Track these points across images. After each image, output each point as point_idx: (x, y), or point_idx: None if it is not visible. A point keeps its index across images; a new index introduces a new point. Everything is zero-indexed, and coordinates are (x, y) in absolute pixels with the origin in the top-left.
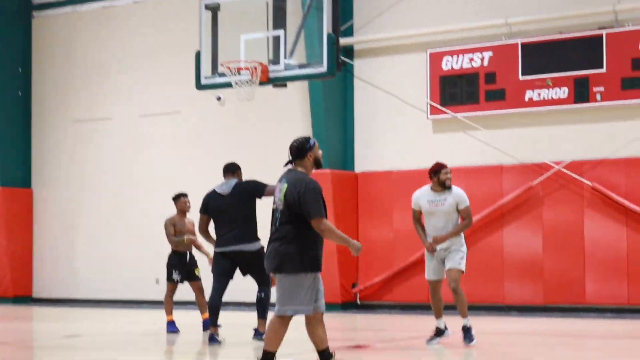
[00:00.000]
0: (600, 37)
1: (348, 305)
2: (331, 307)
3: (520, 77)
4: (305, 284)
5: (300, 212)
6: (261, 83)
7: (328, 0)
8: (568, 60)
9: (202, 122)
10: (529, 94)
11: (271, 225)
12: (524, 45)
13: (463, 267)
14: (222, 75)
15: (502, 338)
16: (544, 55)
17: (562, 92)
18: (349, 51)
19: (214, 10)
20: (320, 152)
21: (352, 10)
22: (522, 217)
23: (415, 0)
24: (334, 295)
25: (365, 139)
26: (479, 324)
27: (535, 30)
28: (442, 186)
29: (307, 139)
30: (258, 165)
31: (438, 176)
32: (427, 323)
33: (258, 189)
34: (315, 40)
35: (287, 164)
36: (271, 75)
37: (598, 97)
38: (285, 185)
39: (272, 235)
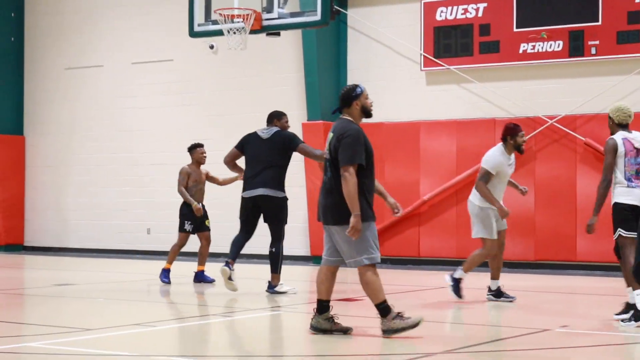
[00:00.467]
0: None
1: None
2: (319, 260)
3: (515, 29)
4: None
5: None
6: (254, 31)
7: None
8: (563, 13)
9: (194, 70)
10: (523, 47)
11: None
12: None
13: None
14: (215, 22)
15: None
16: (539, 7)
17: (557, 45)
18: (343, 0)
19: None
20: (368, 100)
21: None
22: (520, 170)
23: None
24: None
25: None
26: (471, 280)
27: None
28: (517, 150)
29: (354, 87)
30: (250, 114)
31: (515, 139)
32: (417, 277)
33: (292, 142)
34: None
35: (334, 112)
36: (264, 23)
37: (593, 50)
38: (331, 135)
39: (322, 186)
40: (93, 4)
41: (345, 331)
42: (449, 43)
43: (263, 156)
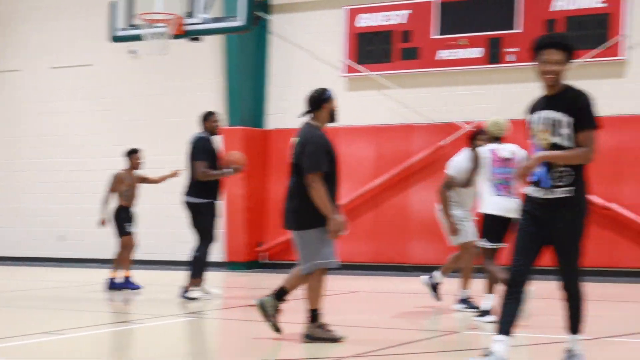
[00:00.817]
0: None
1: (253, 264)
2: (236, 265)
3: (435, 36)
4: (314, 239)
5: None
6: (177, 36)
7: None
8: (483, 20)
9: (115, 76)
10: (442, 54)
11: None
12: (442, 3)
13: None
14: (137, 27)
15: (409, 297)
16: (459, 15)
17: (475, 52)
18: (265, 6)
19: None
20: (335, 104)
21: None
22: (430, 177)
23: None
24: (239, 254)
25: (279, 96)
26: (387, 283)
27: None
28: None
29: (324, 90)
30: (170, 120)
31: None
32: (330, 282)
33: (191, 152)
34: None
35: (302, 115)
36: (187, 28)
37: (510, 57)
38: (295, 140)
39: (287, 190)
40: (12, 8)
41: (337, 339)
42: (370, 49)
43: (187, 162)
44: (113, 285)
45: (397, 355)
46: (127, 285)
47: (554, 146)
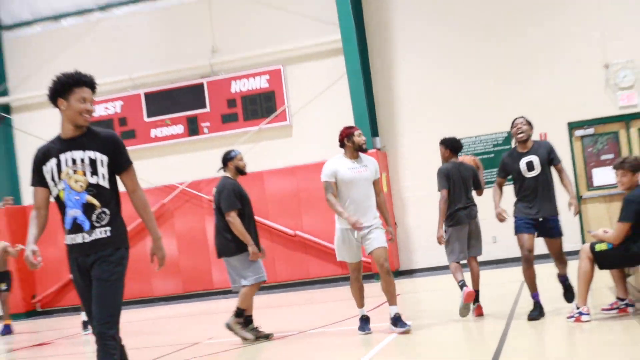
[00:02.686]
0: (202, 84)
1: (31, 313)
2: (17, 316)
3: (146, 119)
4: (239, 262)
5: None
6: None
7: None
8: (181, 103)
9: None
10: (154, 132)
11: None
12: (146, 95)
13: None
14: None
15: (150, 323)
16: (162, 101)
17: (179, 129)
18: (7, 107)
19: None
20: (241, 162)
21: (4, 72)
22: (160, 227)
23: (59, 62)
24: (18, 307)
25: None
26: (134, 314)
27: (153, 82)
28: (360, 149)
29: (230, 151)
30: None
31: (352, 139)
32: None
33: None
34: None
35: (219, 170)
36: None
37: (206, 130)
38: (214, 190)
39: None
40: None
41: (267, 336)
42: None
43: None
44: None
45: None
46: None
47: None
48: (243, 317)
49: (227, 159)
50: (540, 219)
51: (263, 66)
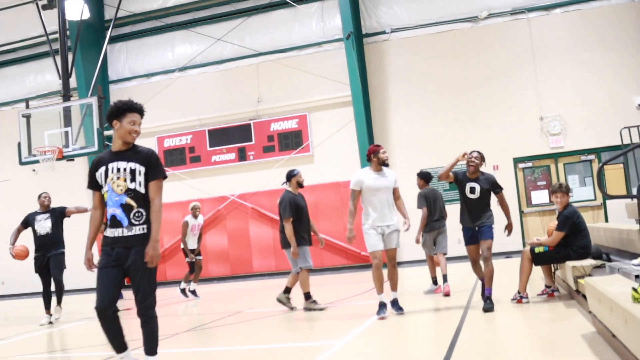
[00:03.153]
0: (250, 124)
1: None
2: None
3: (209, 148)
4: (298, 252)
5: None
6: (59, 159)
7: (96, 107)
8: (234, 138)
9: (26, 187)
10: (214, 157)
11: None
12: (209, 131)
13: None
14: (35, 155)
15: (207, 296)
16: (220, 135)
17: (232, 156)
18: (110, 138)
19: (28, 117)
20: (301, 178)
21: None
22: (216, 227)
23: (149, 106)
24: None
25: None
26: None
27: (215, 122)
28: (384, 164)
29: (292, 170)
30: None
31: (378, 156)
32: None
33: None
34: (90, 132)
35: (283, 184)
36: (65, 154)
37: (251, 157)
38: (279, 200)
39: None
40: None
41: (323, 309)
42: (174, 158)
43: None
44: None
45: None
46: None
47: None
48: (289, 293)
49: (291, 175)
50: (476, 228)
51: (294, 112)
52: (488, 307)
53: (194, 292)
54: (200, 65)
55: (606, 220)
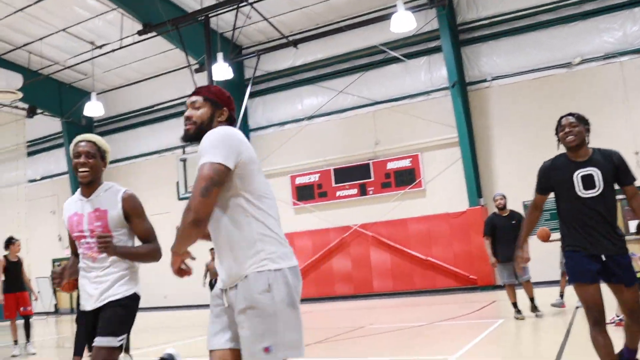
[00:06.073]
0: (368, 164)
1: None
2: None
3: (334, 185)
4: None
5: None
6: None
7: None
8: (355, 175)
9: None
10: (338, 193)
11: None
12: (334, 169)
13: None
14: (190, 192)
15: (333, 313)
16: (344, 174)
17: (354, 191)
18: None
19: (184, 161)
20: (498, 202)
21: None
22: (341, 252)
23: (282, 150)
24: None
25: None
26: (321, 306)
27: (339, 162)
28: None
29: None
30: None
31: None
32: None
33: None
34: None
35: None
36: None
37: (371, 192)
38: None
39: None
40: None
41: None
42: (304, 193)
43: None
44: None
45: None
46: None
47: None
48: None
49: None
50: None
51: (407, 152)
52: None
53: None
54: (325, 114)
55: None
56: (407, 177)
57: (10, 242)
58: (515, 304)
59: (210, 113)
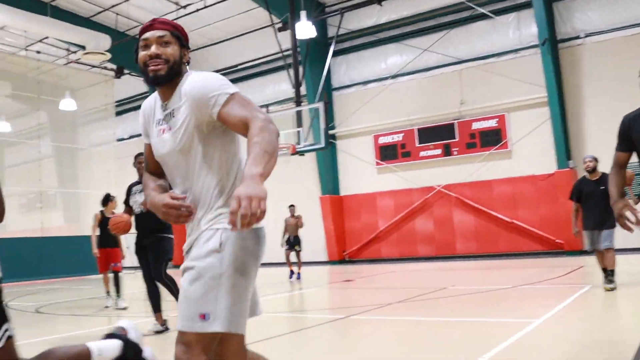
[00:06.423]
0: (453, 124)
1: (342, 261)
2: (332, 263)
3: (417, 145)
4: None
5: None
6: (292, 154)
7: (322, 111)
8: (440, 135)
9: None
10: (422, 153)
11: None
12: (418, 129)
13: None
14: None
15: (416, 273)
16: (428, 133)
17: (438, 151)
18: (334, 136)
19: None
20: (586, 164)
21: (333, 116)
22: (424, 213)
23: (365, 109)
24: (334, 256)
25: (347, 179)
26: (405, 267)
27: (423, 122)
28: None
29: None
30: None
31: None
32: None
33: None
34: (317, 131)
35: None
36: (297, 149)
37: (455, 152)
38: None
39: None
40: None
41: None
42: (387, 153)
43: None
44: None
45: None
46: None
47: None
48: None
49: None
50: None
51: (493, 113)
52: None
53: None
54: (409, 72)
55: None
56: (492, 138)
57: (108, 199)
58: (605, 270)
59: (180, 53)
